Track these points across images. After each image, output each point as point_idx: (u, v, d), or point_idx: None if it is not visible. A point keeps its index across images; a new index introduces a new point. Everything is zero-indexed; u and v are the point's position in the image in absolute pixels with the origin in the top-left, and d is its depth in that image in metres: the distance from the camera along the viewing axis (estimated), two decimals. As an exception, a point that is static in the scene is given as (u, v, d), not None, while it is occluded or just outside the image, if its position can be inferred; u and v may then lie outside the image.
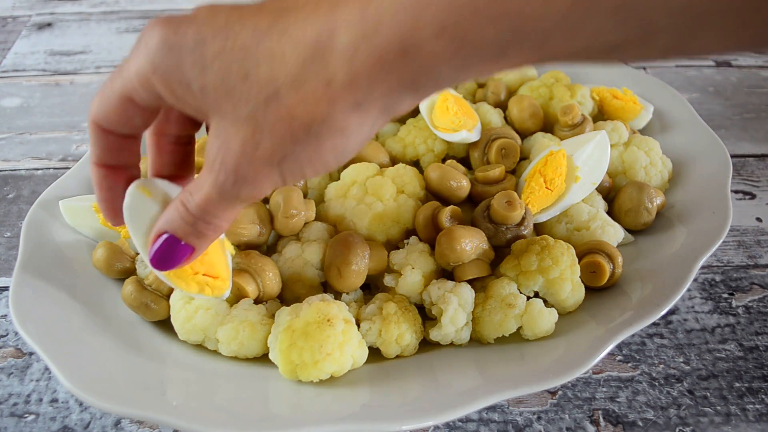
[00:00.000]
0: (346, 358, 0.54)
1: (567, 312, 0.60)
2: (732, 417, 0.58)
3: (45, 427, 0.58)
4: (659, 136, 0.79)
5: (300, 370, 0.53)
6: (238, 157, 0.39)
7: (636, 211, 0.68)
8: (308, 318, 0.54)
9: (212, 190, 0.41)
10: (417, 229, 0.64)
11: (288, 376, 0.54)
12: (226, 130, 0.38)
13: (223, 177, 0.40)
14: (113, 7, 1.22)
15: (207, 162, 0.41)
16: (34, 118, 0.95)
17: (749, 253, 0.74)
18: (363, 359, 0.56)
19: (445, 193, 0.67)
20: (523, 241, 0.62)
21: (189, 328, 0.57)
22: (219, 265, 0.54)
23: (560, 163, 0.67)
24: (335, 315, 0.54)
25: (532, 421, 0.58)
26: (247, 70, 0.36)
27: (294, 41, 0.35)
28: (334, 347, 0.53)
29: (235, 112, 0.37)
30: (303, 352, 0.53)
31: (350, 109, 0.36)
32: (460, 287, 0.59)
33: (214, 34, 0.37)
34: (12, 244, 0.75)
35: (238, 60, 0.36)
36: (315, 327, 0.53)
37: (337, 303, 0.56)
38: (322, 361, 0.52)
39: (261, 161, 0.38)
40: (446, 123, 0.72)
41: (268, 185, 0.40)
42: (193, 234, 0.44)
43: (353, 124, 0.37)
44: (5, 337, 0.65)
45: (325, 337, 0.53)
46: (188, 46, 0.37)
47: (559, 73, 0.85)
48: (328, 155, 0.39)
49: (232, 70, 0.37)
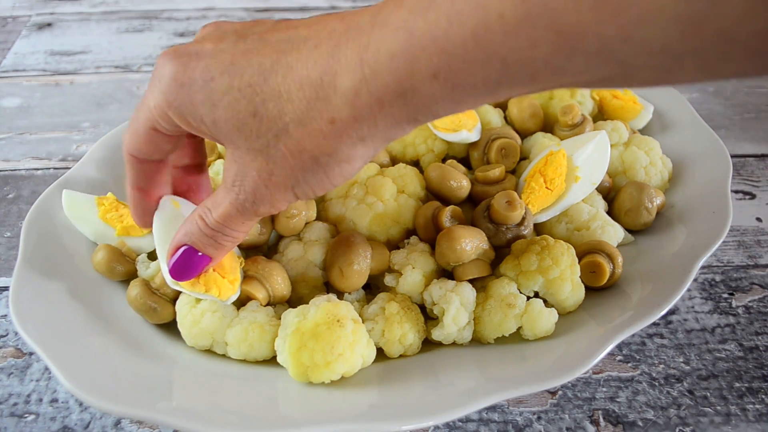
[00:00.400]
0: (356, 357, 0.54)
1: (567, 312, 0.60)
2: (732, 417, 0.58)
3: (45, 427, 0.58)
4: (659, 136, 0.79)
5: (311, 372, 0.53)
6: (256, 182, 0.42)
7: (636, 211, 0.68)
8: (317, 319, 0.54)
9: (232, 207, 0.45)
10: (417, 229, 0.64)
11: (299, 379, 0.54)
12: (242, 157, 0.42)
13: (243, 197, 0.44)
14: (113, 7, 1.22)
15: (226, 182, 0.45)
16: (34, 118, 0.95)
17: (749, 253, 0.74)
18: (372, 358, 0.56)
19: (445, 193, 0.67)
20: (523, 241, 0.62)
21: (196, 332, 0.57)
22: (229, 267, 0.57)
23: (560, 163, 0.67)
24: (344, 315, 0.54)
25: (532, 421, 0.58)
26: (255, 107, 0.39)
27: (298, 81, 0.38)
28: (345, 347, 0.53)
29: (248, 144, 0.41)
30: (314, 353, 0.53)
31: (354, 143, 0.39)
32: (461, 286, 0.59)
33: (221, 72, 0.40)
34: (12, 244, 0.75)
35: (246, 97, 0.39)
36: (325, 328, 0.53)
37: (344, 303, 0.56)
38: (334, 362, 0.52)
39: (276, 186, 0.42)
40: (446, 123, 0.72)
41: (283, 204, 0.45)
42: (211, 246, 0.49)
43: (357, 154, 0.41)
44: (5, 337, 0.65)
45: (336, 338, 0.53)
46: (197, 83, 0.41)
47: None
48: (336, 179, 0.43)
49: (241, 107, 0.40)
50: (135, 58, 1.08)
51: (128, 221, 0.66)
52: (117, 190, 0.71)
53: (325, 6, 1.21)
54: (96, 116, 0.95)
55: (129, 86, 1.01)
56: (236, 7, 1.21)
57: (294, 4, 1.22)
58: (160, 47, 1.10)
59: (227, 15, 1.19)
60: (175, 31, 1.15)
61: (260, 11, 1.20)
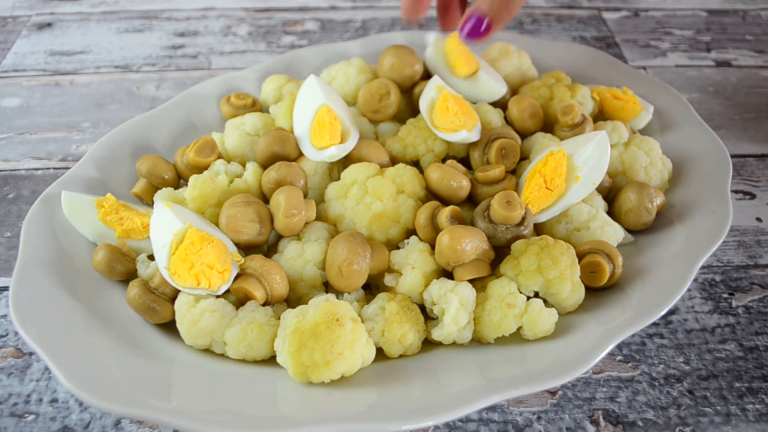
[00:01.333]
0: (356, 357, 0.54)
1: (567, 312, 0.60)
2: (732, 417, 0.58)
3: (45, 427, 0.58)
4: (659, 136, 0.79)
5: (311, 372, 0.53)
6: None
7: (636, 211, 0.68)
8: (317, 319, 0.54)
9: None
10: (417, 229, 0.64)
11: (299, 379, 0.54)
12: None
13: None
14: (113, 7, 1.22)
15: None
16: (34, 118, 0.95)
17: (749, 253, 0.74)
18: (371, 357, 0.56)
19: (445, 193, 0.67)
20: (523, 241, 0.62)
21: (195, 332, 0.57)
22: (217, 258, 0.58)
23: (560, 163, 0.67)
24: (344, 314, 0.54)
25: (532, 421, 0.58)
26: None
27: None
28: (345, 346, 0.53)
29: None
30: (314, 353, 0.53)
31: None
32: (461, 286, 0.59)
33: None
34: (12, 244, 0.75)
35: None
36: (324, 327, 0.53)
37: (344, 303, 0.56)
38: (334, 361, 0.52)
39: None
40: (446, 123, 0.72)
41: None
42: (495, 16, 0.67)
43: None
44: (5, 337, 0.65)
45: (336, 337, 0.53)
46: None
47: (559, 73, 0.85)
48: None
49: None
50: (135, 58, 1.08)
51: (128, 224, 0.66)
52: (117, 190, 0.71)
53: (325, 6, 1.21)
54: (96, 116, 0.95)
55: (129, 86, 1.01)
56: (236, 7, 1.21)
57: (294, 4, 1.22)
58: (160, 47, 1.10)
59: (227, 15, 1.19)
60: (175, 31, 1.15)
61: (260, 11, 1.20)
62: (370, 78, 0.82)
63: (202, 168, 0.72)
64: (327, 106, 0.72)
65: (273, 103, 0.83)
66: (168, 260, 0.59)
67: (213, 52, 1.10)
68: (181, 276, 0.58)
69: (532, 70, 0.88)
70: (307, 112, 0.73)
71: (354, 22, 1.18)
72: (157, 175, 0.72)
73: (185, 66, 1.07)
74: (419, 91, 0.79)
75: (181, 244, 0.59)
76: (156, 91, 1.01)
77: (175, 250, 0.59)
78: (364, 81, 0.81)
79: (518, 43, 0.92)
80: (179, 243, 0.59)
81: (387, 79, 0.79)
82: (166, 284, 0.59)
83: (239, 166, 0.71)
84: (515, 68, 0.86)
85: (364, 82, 0.81)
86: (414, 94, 0.80)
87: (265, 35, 1.15)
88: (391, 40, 0.93)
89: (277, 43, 1.13)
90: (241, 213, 0.63)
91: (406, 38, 0.94)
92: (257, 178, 0.70)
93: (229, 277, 0.59)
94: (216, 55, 1.10)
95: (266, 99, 0.85)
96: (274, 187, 0.66)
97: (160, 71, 1.06)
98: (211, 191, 0.66)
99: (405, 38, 0.94)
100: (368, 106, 0.77)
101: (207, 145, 0.72)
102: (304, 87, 0.76)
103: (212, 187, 0.66)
